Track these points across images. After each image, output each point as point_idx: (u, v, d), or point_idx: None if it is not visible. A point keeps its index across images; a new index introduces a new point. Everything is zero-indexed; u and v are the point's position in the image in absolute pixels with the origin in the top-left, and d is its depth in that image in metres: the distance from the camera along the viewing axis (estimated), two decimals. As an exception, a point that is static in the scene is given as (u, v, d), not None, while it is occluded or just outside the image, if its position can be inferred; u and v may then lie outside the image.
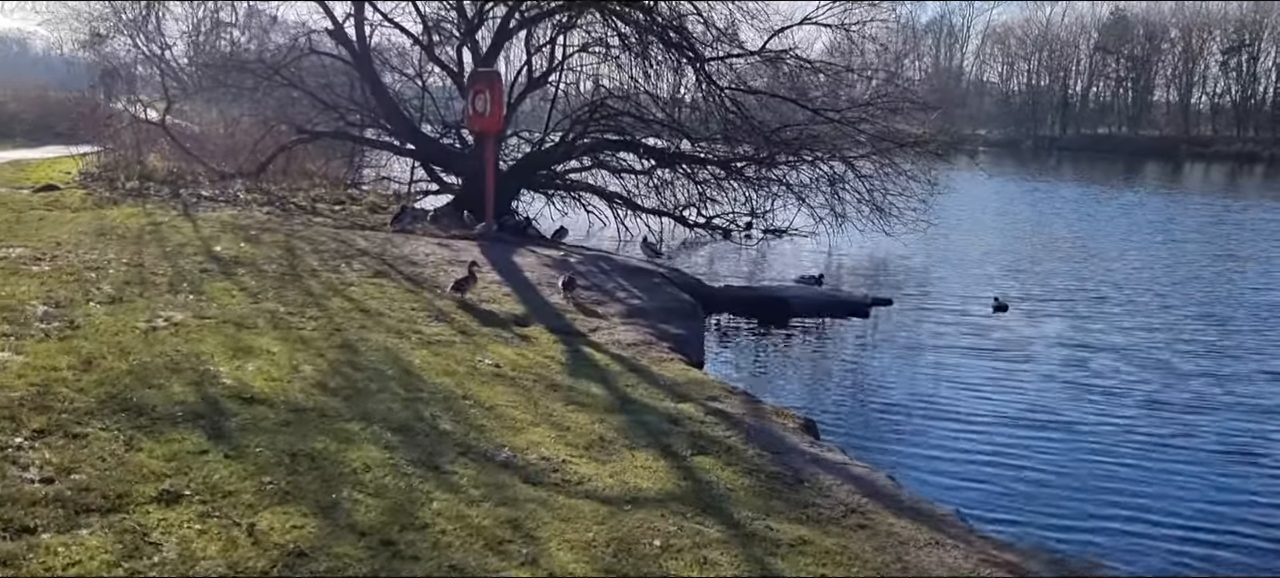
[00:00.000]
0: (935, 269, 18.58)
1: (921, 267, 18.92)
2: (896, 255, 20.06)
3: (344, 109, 20.88)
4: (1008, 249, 21.51)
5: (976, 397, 10.27)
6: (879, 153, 18.73)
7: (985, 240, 22.79)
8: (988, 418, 9.58)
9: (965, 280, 17.31)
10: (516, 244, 15.43)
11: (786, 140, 18.18)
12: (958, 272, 18.30)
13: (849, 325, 13.79)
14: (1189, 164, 70.78)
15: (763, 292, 14.36)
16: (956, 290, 16.30)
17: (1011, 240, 22.97)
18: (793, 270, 18.40)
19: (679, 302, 12.21)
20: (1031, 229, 25.34)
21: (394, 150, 21.23)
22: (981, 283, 17.11)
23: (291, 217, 15.68)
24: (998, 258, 20.09)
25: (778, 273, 18.01)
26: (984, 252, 20.97)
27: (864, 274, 17.91)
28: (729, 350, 12.21)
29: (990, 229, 24.93)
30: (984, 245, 22.00)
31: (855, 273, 18.04)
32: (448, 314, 9.81)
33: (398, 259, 12.27)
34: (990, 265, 19.13)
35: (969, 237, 23.20)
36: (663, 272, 14.07)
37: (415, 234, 15.14)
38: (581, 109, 20.12)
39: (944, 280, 17.26)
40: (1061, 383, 10.86)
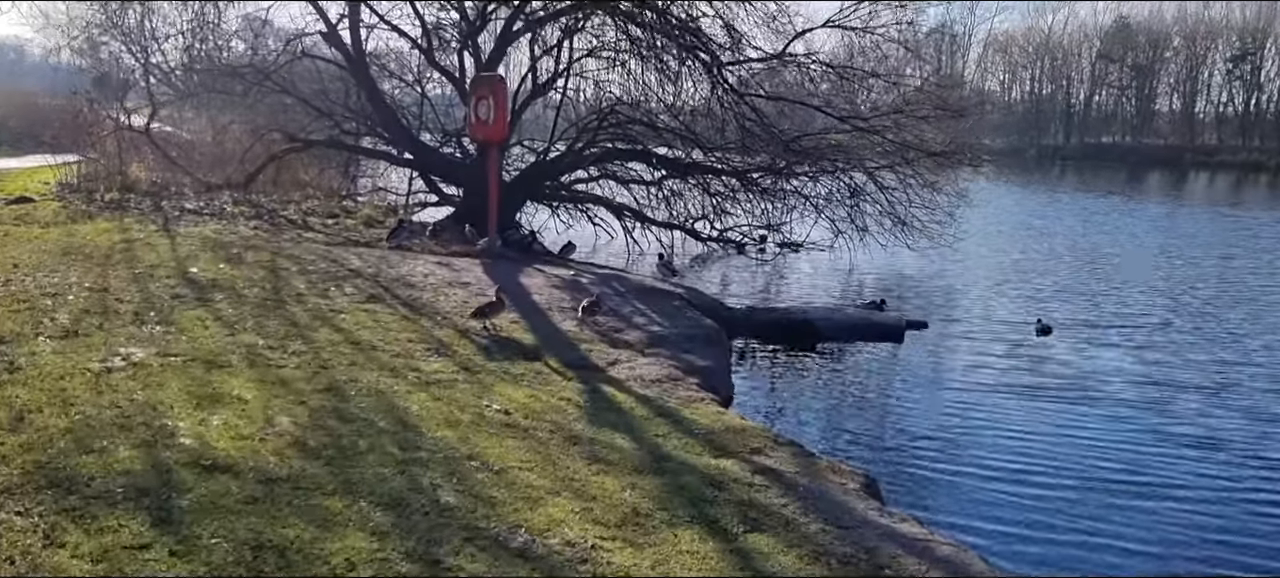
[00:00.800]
0: (967, 287, 17.50)
1: (952, 285, 17.83)
2: (923, 272, 19.00)
3: (339, 116, 19.81)
4: (1041, 265, 20.38)
5: (1040, 441, 9.18)
6: (907, 162, 17.65)
7: (1015, 255, 21.68)
8: (1058, 469, 8.49)
9: (1001, 300, 16.24)
10: (522, 262, 14.35)
11: (806, 149, 17.11)
12: (991, 290, 17.22)
13: (884, 352, 12.71)
14: (1194, 173, 69.91)
15: (789, 314, 13.28)
16: (993, 312, 15.24)
17: (1043, 256, 21.82)
18: (816, 288, 17.33)
19: (701, 328, 11.13)
20: (1064, 244, 24.15)
21: (391, 160, 20.16)
22: (1018, 303, 16.04)
23: (280, 232, 14.60)
24: (1031, 275, 18.98)
25: (800, 292, 16.93)
26: (1016, 268, 19.88)
27: (891, 293, 16.81)
28: (759, 384, 11.11)
29: (1018, 243, 23.78)
30: (1014, 261, 20.90)
31: (883, 292, 16.93)
32: (449, 346, 8.72)
33: (394, 281, 11.19)
34: (1024, 283, 18.05)
35: (997, 251, 22.11)
36: (681, 293, 12.99)
37: (413, 251, 14.06)
38: (589, 117, 19.04)
39: (978, 300, 16.19)
40: (1132, 426, 9.77)
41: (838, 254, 20.26)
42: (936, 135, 17.25)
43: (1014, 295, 16.71)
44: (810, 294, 16.74)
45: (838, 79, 16.63)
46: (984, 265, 20.07)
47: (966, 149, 19.19)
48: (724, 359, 10.35)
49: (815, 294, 16.78)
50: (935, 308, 15.41)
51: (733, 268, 19.63)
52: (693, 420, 7.34)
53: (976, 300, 16.20)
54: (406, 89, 22.05)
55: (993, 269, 19.64)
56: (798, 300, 15.67)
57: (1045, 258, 21.49)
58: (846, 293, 16.97)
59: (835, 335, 13.00)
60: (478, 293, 11.07)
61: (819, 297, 16.54)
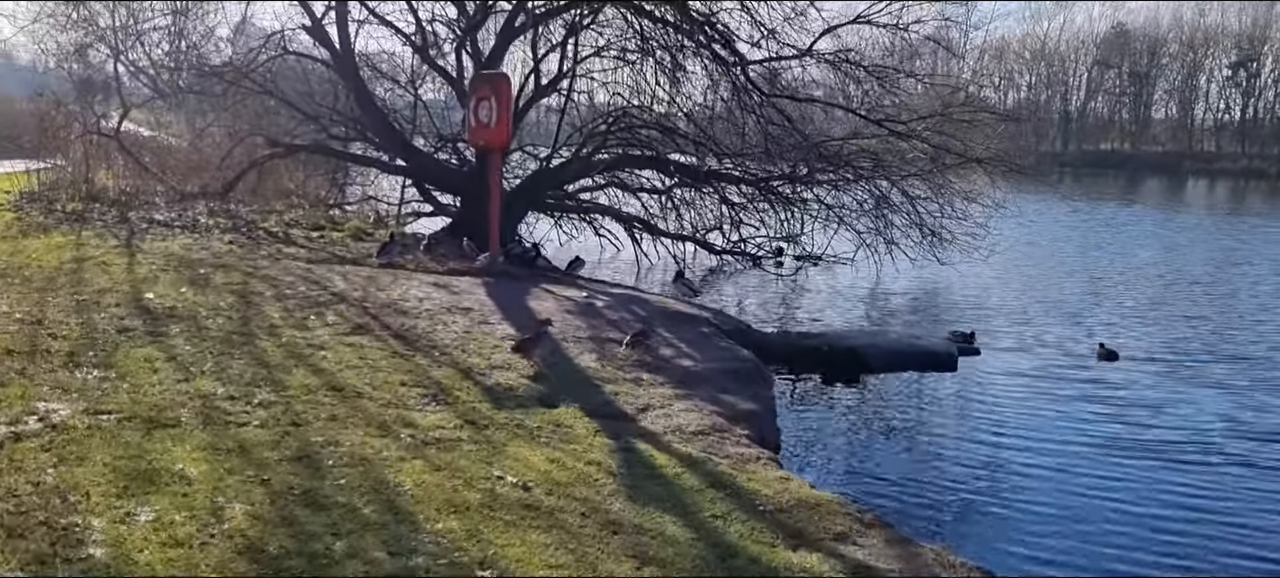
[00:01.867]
0: (1011, 305, 16.08)
1: (995, 302, 16.39)
2: (959, 288, 17.60)
3: (326, 120, 18.36)
4: (1086, 280, 18.86)
5: (1147, 503, 7.77)
6: (948, 168, 16.25)
7: (1053, 269, 20.19)
8: (1192, 542, 7.09)
9: (1051, 320, 14.83)
10: (527, 280, 12.92)
11: (835, 155, 15.70)
12: (1038, 308, 15.81)
13: (939, 383, 11.29)
14: (1193, 180, 68.86)
15: (828, 341, 11.85)
16: (1046, 333, 13.84)
17: (1086, 270, 20.26)
18: (846, 308, 15.94)
19: (737, 360, 9.70)
20: (1103, 256, 22.55)
21: (382, 167, 18.70)
22: (1070, 323, 14.65)
23: (258, 246, 13.13)
24: (1077, 292, 17.52)
25: (830, 312, 15.52)
26: (1057, 283, 18.42)
27: (929, 312, 15.42)
28: (809, 427, 9.63)
29: (1053, 256, 22.17)
30: (1053, 275, 19.43)
31: (920, 311, 15.54)
32: (449, 391, 7.28)
33: (383, 307, 9.73)
34: (1071, 300, 16.63)
35: (1033, 265, 20.62)
36: (708, 317, 11.56)
37: (405, 269, 12.61)
38: (597, 121, 17.63)
39: (1027, 320, 14.77)
40: (1238, 474, 8.37)
41: (859, 268, 18.86)
42: (982, 141, 15.83)
43: (1063, 314, 15.32)
44: (841, 315, 15.34)
45: (871, 81, 15.19)
46: (1023, 280, 18.65)
47: (1012, 156, 17.79)
48: (769, 400, 8.91)
49: (847, 315, 15.38)
50: (983, 330, 14.00)
51: (750, 283, 18.21)
52: (753, 491, 5.91)
53: (1025, 320, 14.78)
54: (399, 93, 20.61)
55: (1034, 285, 18.22)
56: (833, 323, 14.24)
57: (1089, 273, 19.98)
58: (879, 312, 15.57)
59: (881, 365, 11.58)
60: (480, 320, 9.64)
61: (852, 317, 15.14)
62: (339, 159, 18.69)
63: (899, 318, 14.98)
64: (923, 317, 15.11)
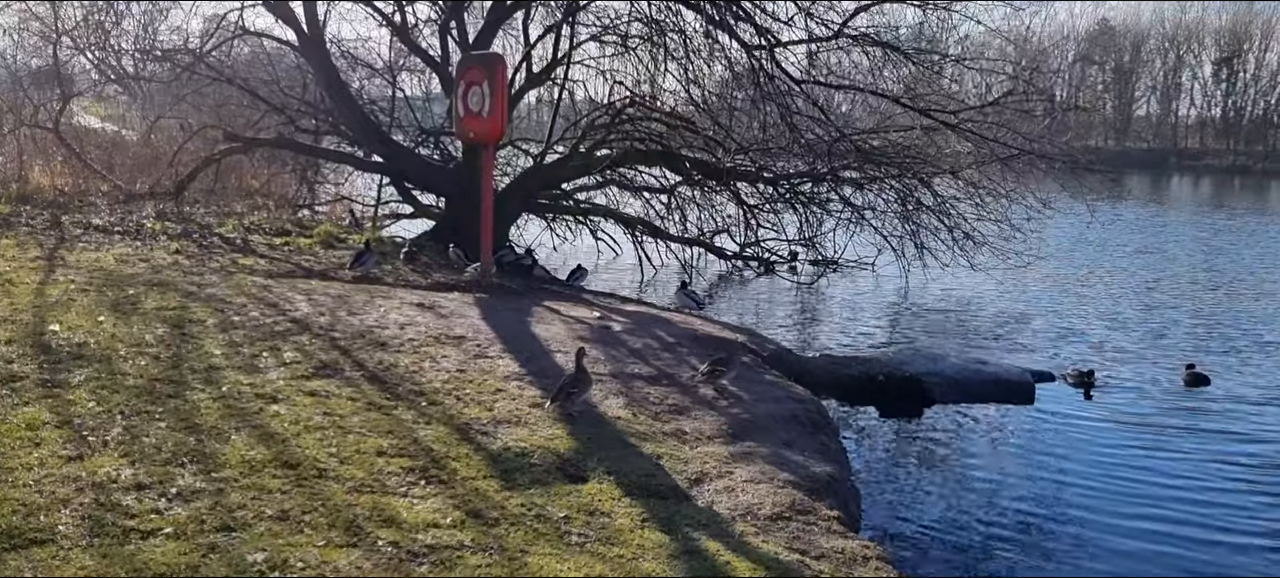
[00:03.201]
0: (1066, 319, 14.36)
1: (1044, 314, 14.67)
2: (1003, 300, 15.87)
3: (294, 111, 16.45)
4: (1137, 288, 17.08)
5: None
6: (991, 164, 14.49)
7: (1101, 277, 18.35)
8: None
9: (1119, 336, 13.14)
10: (526, 296, 11.09)
11: (873, 150, 13.91)
12: (1099, 323, 14.07)
13: (1018, 419, 9.54)
14: (1178, 177, 67.76)
15: (884, 368, 10.08)
16: (1120, 353, 12.15)
17: (1134, 276, 18.45)
18: (874, 320, 14.21)
19: (792, 399, 7.91)
20: (1153, 262, 20.65)
21: (356, 164, 16.76)
22: (1141, 339, 12.98)
23: (210, 256, 11.22)
24: (1133, 302, 15.72)
25: (861, 327, 13.78)
26: (1111, 292, 16.64)
27: (975, 328, 13.68)
28: (894, 489, 7.70)
29: (1095, 262, 20.29)
30: (1104, 283, 17.59)
31: (966, 326, 13.79)
32: (443, 461, 5.46)
33: (357, 336, 7.87)
34: (1128, 312, 14.89)
35: (1077, 271, 18.78)
36: (742, 341, 9.77)
37: (383, 284, 10.75)
38: (597, 112, 15.81)
39: (1093, 338, 13.04)
40: None
41: (881, 275, 17.14)
42: (1039, 134, 14.08)
43: (1125, 327, 13.64)
44: (879, 332, 13.60)
45: (906, 65, 13.39)
46: (1070, 289, 16.90)
47: (1075, 152, 16.09)
48: (842, 456, 7.14)
49: (887, 332, 13.65)
50: (1045, 350, 12.30)
51: (766, 293, 16.46)
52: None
53: (1089, 337, 13.08)
54: (376, 83, 18.68)
55: (1083, 294, 16.48)
56: (877, 344, 12.48)
57: (1140, 279, 18.14)
58: (919, 328, 13.83)
59: (946, 395, 9.83)
60: (477, 353, 7.80)
61: (893, 335, 13.40)
62: (308, 155, 16.77)
63: (946, 335, 13.25)
64: (970, 333, 13.39)
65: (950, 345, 12.21)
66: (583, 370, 6.63)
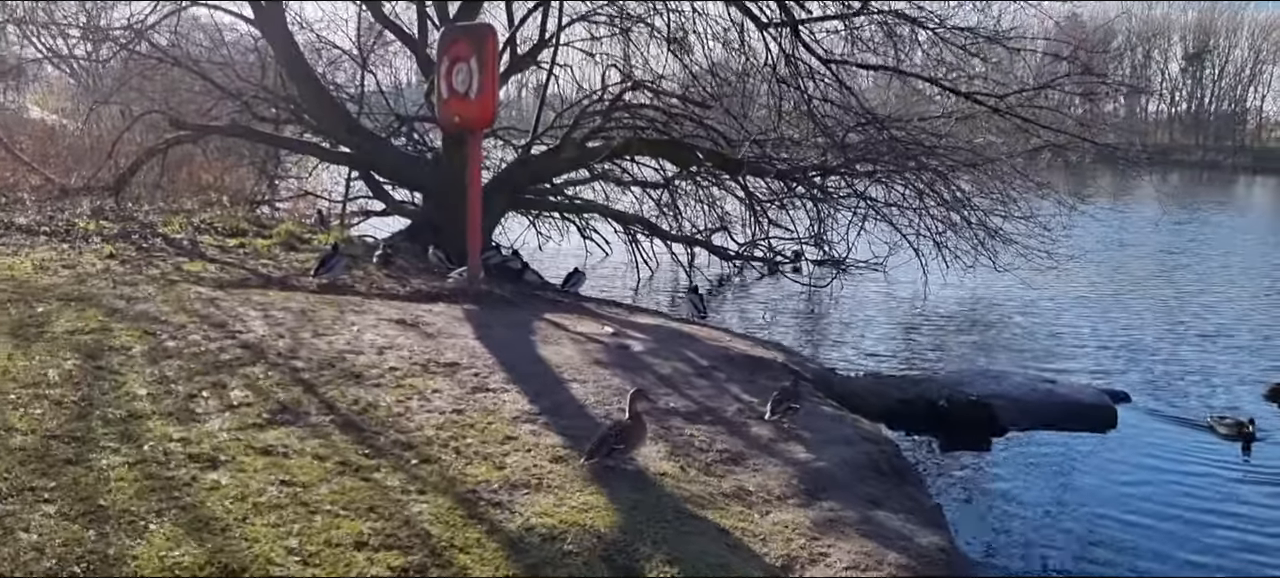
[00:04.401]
0: (1110, 326, 13.05)
1: (1090, 325, 13.28)
2: (1039, 305, 14.52)
3: (250, 97, 14.79)
4: (1186, 294, 15.77)
5: None
6: (1033, 155, 13.12)
7: (1137, 278, 16.96)
8: None
9: (1179, 348, 11.84)
10: (522, 307, 9.56)
11: (910, 142, 12.48)
12: (1152, 329, 12.72)
13: (1113, 454, 8.15)
14: (1150, 173, 67.10)
15: (944, 390, 8.65)
16: (1185, 368, 10.85)
17: (1174, 282, 17.12)
18: (904, 330, 12.84)
19: (861, 436, 6.47)
20: (1190, 265, 19.29)
21: (322, 155, 15.08)
22: (1206, 352, 11.68)
23: (149, 261, 9.57)
24: (1184, 310, 14.33)
25: (897, 339, 12.40)
26: (1155, 294, 15.26)
27: (1018, 343, 12.28)
28: (1005, 556, 6.26)
29: (1128, 263, 18.86)
30: (1150, 288, 16.17)
31: (1007, 341, 12.38)
32: (443, 554, 3.96)
33: (324, 364, 6.30)
34: (1188, 323, 13.51)
35: (1113, 274, 17.35)
36: (780, 361, 8.31)
37: (354, 294, 9.17)
38: (591, 98, 14.28)
39: (1150, 351, 11.71)
40: None
41: (896, 277, 15.76)
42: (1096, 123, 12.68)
43: (1192, 343, 12.29)
44: (913, 344, 12.24)
45: (936, 46, 11.96)
46: (1107, 294, 15.53)
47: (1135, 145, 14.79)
48: (939, 516, 5.69)
49: (924, 345, 12.29)
50: (1103, 366, 10.98)
51: (774, 297, 15.06)
52: None
53: (1145, 350, 11.77)
54: (346, 71, 17.03)
55: (1118, 300, 15.14)
56: (923, 360, 11.08)
57: (1179, 286, 16.80)
58: (955, 339, 12.48)
59: (1020, 422, 8.45)
60: (476, 385, 6.27)
61: (931, 347, 12.03)
62: (267, 144, 15.09)
63: (985, 347, 11.89)
64: (1012, 344, 12.03)
65: (1000, 360, 10.86)
66: (639, 420, 5.16)
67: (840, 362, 10.80)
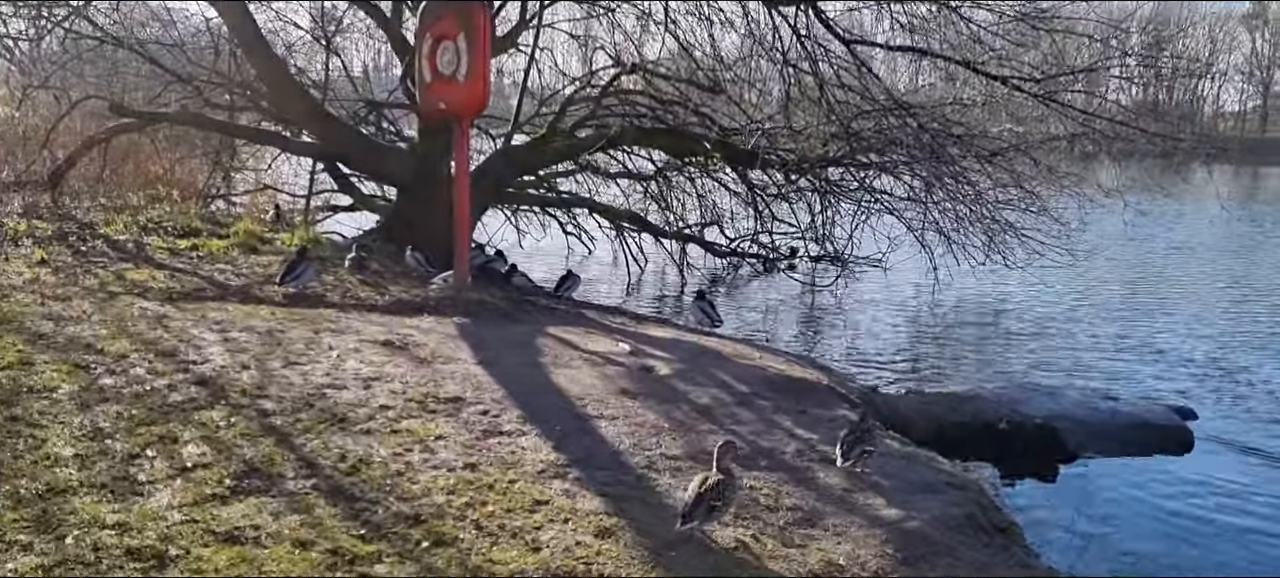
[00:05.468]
0: (1147, 329, 12.18)
1: (1122, 328, 12.39)
2: (1054, 302, 13.64)
3: (202, 82, 13.45)
4: (1214, 295, 14.92)
5: None
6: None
7: (1152, 279, 16.08)
8: None
9: (1231, 354, 10.98)
10: (519, 319, 8.43)
11: (943, 132, 11.48)
12: (1196, 339, 11.81)
13: (1193, 479, 7.23)
14: (1108, 161, 67.28)
15: (1001, 410, 7.66)
16: (1246, 378, 9.99)
17: (1196, 281, 16.24)
18: (929, 335, 11.89)
19: (945, 481, 5.45)
20: (1201, 262, 18.43)
21: (284, 145, 13.76)
22: (1263, 357, 10.86)
23: (88, 269, 8.30)
24: (1219, 314, 13.49)
25: (922, 345, 11.44)
26: (1180, 299, 14.39)
27: (1053, 351, 11.32)
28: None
29: (1141, 260, 18.00)
30: (1165, 288, 15.31)
31: (1042, 355, 11.39)
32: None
33: (300, 404, 5.13)
34: (1220, 324, 12.68)
35: (1126, 276, 16.46)
36: (825, 383, 7.27)
37: (326, 304, 7.98)
38: (580, 85, 13.14)
39: (1200, 359, 10.82)
40: None
41: (894, 275, 14.79)
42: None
43: (1245, 350, 11.44)
44: (942, 351, 11.30)
45: (964, 24, 10.95)
46: (1131, 293, 14.66)
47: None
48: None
49: (940, 350, 11.35)
50: (1156, 374, 10.09)
51: (774, 296, 14.06)
52: None
53: (1192, 354, 10.92)
54: (306, 52, 15.72)
55: (1149, 298, 14.27)
56: (960, 373, 10.08)
57: (1205, 281, 15.92)
58: (977, 344, 11.55)
59: (1089, 445, 7.50)
60: (486, 427, 5.15)
61: (946, 355, 11.08)
62: (222, 134, 13.75)
63: (1019, 355, 10.96)
64: (1047, 353, 11.08)
65: (1039, 371, 9.94)
66: (730, 476, 4.15)
67: (856, 369, 9.81)
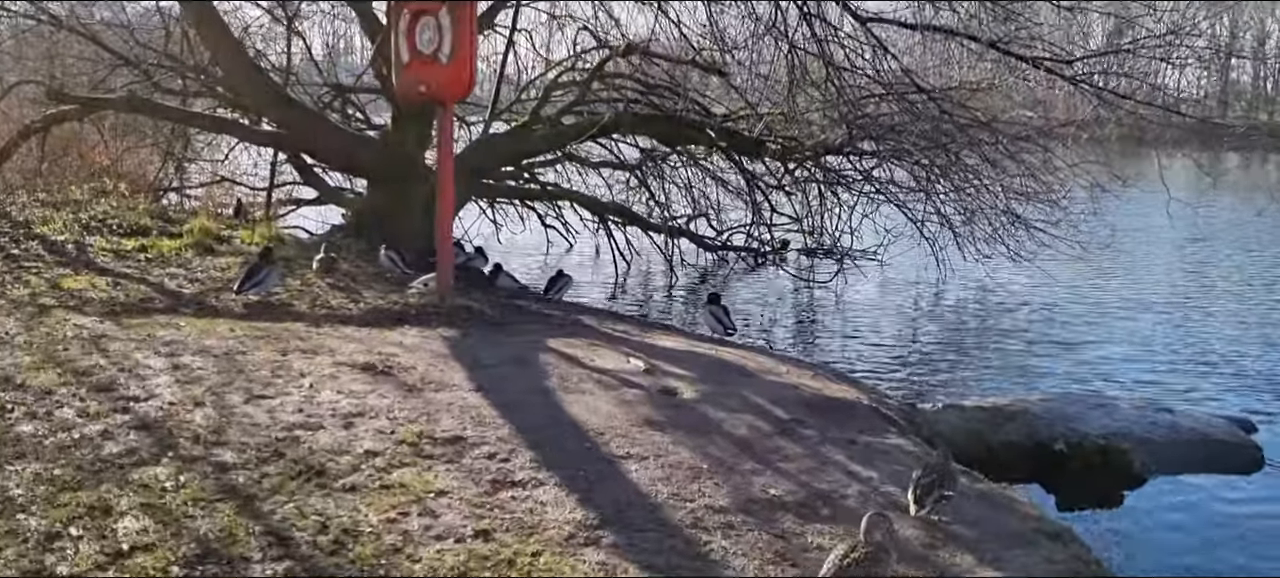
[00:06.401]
0: (1169, 330, 11.47)
1: (1146, 328, 11.65)
2: (1075, 306, 12.85)
3: (151, 65, 12.34)
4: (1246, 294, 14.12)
5: None
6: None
7: (1171, 276, 15.34)
8: None
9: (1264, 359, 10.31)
10: (512, 328, 7.51)
11: (968, 120, 10.69)
12: (1228, 341, 11.11)
13: (1251, 493, 6.53)
14: (1064, 145, 66.96)
15: (1056, 428, 6.88)
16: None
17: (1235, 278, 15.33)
18: (950, 334, 11.13)
19: (1036, 528, 4.65)
20: (1220, 257, 17.34)
21: (243, 134, 12.64)
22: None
23: (17, 278, 7.28)
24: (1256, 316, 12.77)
25: (942, 346, 10.69)
26: (1211, 298, 13.66)
27: (1082, 360, 10.48)
28: None
29: (1150, 254, 17.21)
30: (1189, 285, 14.56)
31: (1070, 359, 10.55)
32: None
33: (267, 453, 4.19)
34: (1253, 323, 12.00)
35: (1137, 270, 15.69)
36: (864, 402, 6.45)
37: (293, 315, 7.00)
38: (565, 67, 12.20)
39: (1237, 362, 10.12)
40: None
41: (890, 269, 14.03)
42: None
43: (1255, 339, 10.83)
44: (943, 351, 10.55)
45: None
46: (1145, 290, 13.91)
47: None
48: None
49: (956, 351, 10.60)
50: (1194, 380, 9.40)
51: (770, 293, 13.23)
52: None
53: (1227, 357, 10.23)
54: (265, 31, 14.60)
55: (1169, 296, 13.54)
56: (986, 381, 9.29)
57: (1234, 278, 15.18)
58: (998, 345, 10.80)
59: (1148, 465, 6.74)
60: (496, 478, 4.26)
61: (967, 358, 10.32)
62: (174, 122, 12.64)
63: (1045, 358, 10.20)
64: (1077, 357, 10.26)
65: (1072, 377, 9.22)
66: (881, 549, 3.35)
67: (878, 376, 9.02)
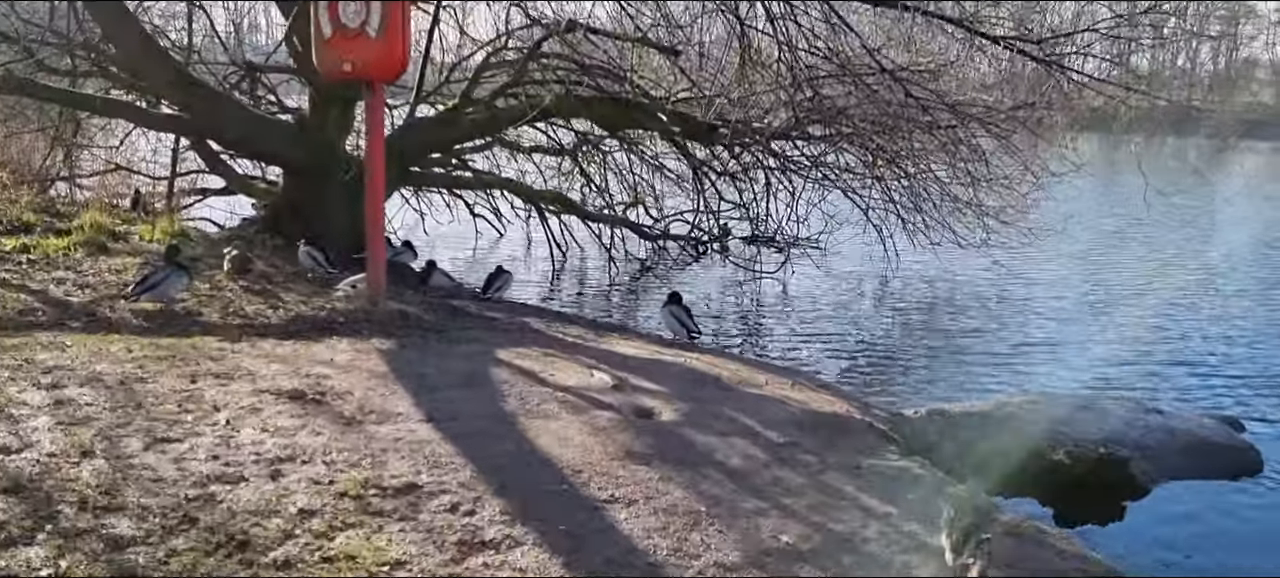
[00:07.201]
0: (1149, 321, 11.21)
1: (1096, 316, 11.43)
2: (1034, 292, 12.59)
3: (34, 41, 11.07)
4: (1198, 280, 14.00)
5: None
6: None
7: (1118, 260, 15.14)
8: None
9: (1241, 347, 10.07)
10: (459, 338, 6.70)
11: (933, 101, 10.13)
12: (1187, 331, 10.88)
13: (1249, 498, 6.15)
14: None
15: (1052, 435, 6.39)
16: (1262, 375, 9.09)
17: (1181, 264, 15.25)
18: (890, 332, 10.68)
19: (1085, 574, 4.10)
20: (1164, 241, 17.24)
21: (140, 118, 11.42)
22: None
23: None
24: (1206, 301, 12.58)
25: (916, 348, 10.20)
26: (1162, 284, 13.46)
27: (1054, 354, 10.13)
28: None
29: (1092, 241, 17.03)
30: (1145, 271, 14.37)
31: (1041, 352, 10.26)
32: None
33: (173, 520, 3.36)
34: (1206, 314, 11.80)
35: (1086, 254, 15.47)
36: (863, 420, 5.84)
37: (202, 326, 6.08)
38: (496, 46, 11.29)
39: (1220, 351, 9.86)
40: None
41: (848, 263, 13.62)
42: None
43: (1219, 334, 10.61)
44: (909, 349, 10.08)
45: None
46: (1096, 274, 13.71)
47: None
48: None
49: (921, 349, 10.13)
50: (1180, 376, 9.09)
51: (716, 286, 12.63)
52: None
53: (1202, 344, 9.99)
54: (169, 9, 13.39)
55: (1121, 280, 13.36)
56: (959, 380, 8.78)
57: (1184, 264, 15.03)
58: (967, 342, 10.36)
59: (1149, 472, 6.31)
60: (468, 537, 3.53)
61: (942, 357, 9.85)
62: (62, 105, 11.39)
63: (1012, 350, 9.81)
64: (1047, 350, 9.92)
65: (1040, 369, 8.81)
66: None
67: (843, 376, 8.48)
